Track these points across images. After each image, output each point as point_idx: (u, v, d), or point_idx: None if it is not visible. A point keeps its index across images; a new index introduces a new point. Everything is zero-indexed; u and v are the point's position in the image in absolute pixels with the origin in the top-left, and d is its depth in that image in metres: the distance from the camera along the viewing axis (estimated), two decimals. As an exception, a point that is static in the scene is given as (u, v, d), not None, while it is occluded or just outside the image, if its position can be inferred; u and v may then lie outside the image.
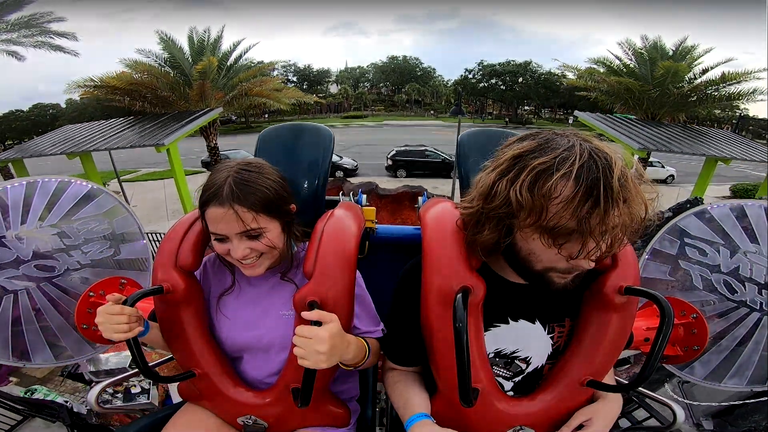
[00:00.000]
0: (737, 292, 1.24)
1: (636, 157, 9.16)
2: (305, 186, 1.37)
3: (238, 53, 12.63)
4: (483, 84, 55.99)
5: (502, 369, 0.96)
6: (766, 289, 1.22)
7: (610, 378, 1.01)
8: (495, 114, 60.16)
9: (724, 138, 10.46)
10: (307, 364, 0.80)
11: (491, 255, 0.91)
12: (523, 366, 0.95)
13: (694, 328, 1.06)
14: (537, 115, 59.00)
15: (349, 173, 17.82)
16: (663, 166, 18.14)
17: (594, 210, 0.66)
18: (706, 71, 11.20)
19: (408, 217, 7.01)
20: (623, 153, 0.73)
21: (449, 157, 17.88)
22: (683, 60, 11.22)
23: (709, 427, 1.72)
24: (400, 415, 0.96)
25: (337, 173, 17.12)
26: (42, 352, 1.29)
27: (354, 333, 1.03)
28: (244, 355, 1.09)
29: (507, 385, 0.97)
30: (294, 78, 59.35)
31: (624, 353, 1.10)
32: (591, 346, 0.89)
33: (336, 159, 17.70)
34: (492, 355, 0.94)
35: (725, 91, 11.01)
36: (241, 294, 1.10)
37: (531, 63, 53.06)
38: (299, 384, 0.84)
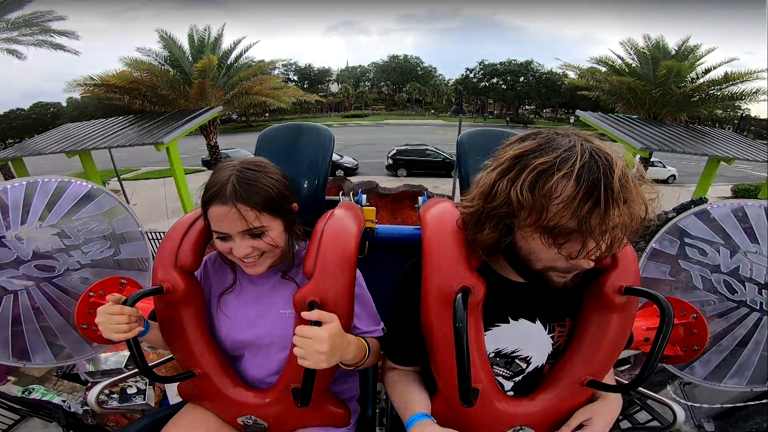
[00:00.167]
0: (737, 292, 1.23)
1: (638, 157, 9.12)
2: (305, 186, 1.37)
3: (238, 52, 12.61)
4: (484, 83, 55.89)
5: (502, 369, 0.96)
6: (766, 289, 1.22)
7: (610, 378, 1.01)
8: (496, 113, 60.05)
9: (726, 138, 10.38)
10: (307, 364, 0.80)
11: (491, 254, 0.91)
12: (524, 366, 0.95)
13: (694, 328, 1.06)
14: (538, 115, 58.90)
15: (350, 172, 17.80)
16: (664, 166, 18.10)
17: (594, 210, 0.66)
18: (708, 71, 11.15)
19: (408, 217, 6.99)
20: (624, 153, 0.73)
21: (450, 157, 17.82)
22: (686, 59, 11.16)
23: (711, 429, 1.71)
24: (400, 415, 0.96)
25: (338, 172, 17.10)
26: (42, 352, 1.30)
27: (354, 333, 1.03)
28: (244, 354, 1.09)
29: (507, 385, 0.97)
30: (295, 77, 59.25)
31: (624, 353, 1.10)
32: (591, 346, 0.89)
33: (336, 158, 17.69)
34: (492, 355, 0.94)
35: (728, 91, 10.96)
36: (242, 292, 1.10)
37: (532, 62, 52.95)
38: (299, 384, 0.84)
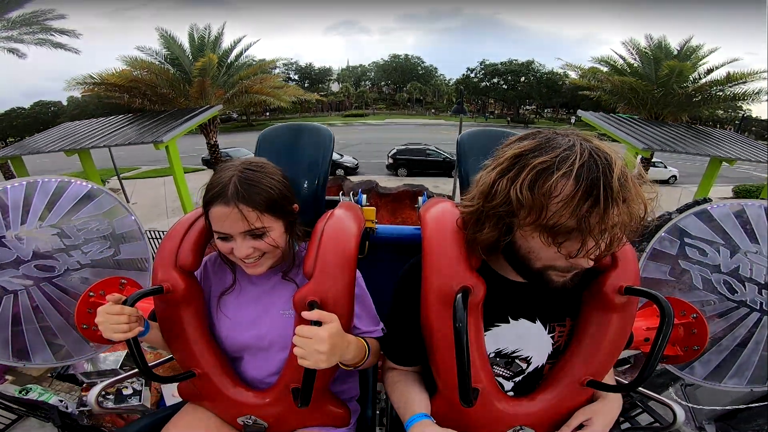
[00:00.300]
0: (737, 292, 1.23)
1: (639, 158, 9.09)
2: (305, 186, 1.37)
3: (238, 51, 12.60)
4: (485, 83, 55.86)
5: (502, 369, 0.96)
6: (766, 289, 1.22)
7: (610, 378, 1.01)
8: (497, 113, 60.06)
9: (728, 138, 10.32)
10: (307, 364, 0.80)
11: (491, 254, 0.91)
12: (524, 366, 0.95)
13: (694, 328, 1.06)
14: (539, 115, 58.85)
15: (350, 171, 17.80)
16: (665, 166, 18.09)
17: (594, 209, 0.67)
18: (710, 71, 11.11)
19: (408, 217, 6.98)
20: (626, 154, 0.73)
21: (450, 156, 17.79)
22: (688, 59, 11.12)
23: (712, 431, 1.71)
24: (400, 415, 0.96)
25: (338, 171, 17.10)
26: (42, 352, 1.30)
27: (354, 333, 1.03)
28: (244, 355, 1.08)
29: (507, 385, 0.97)
30: (295, 76, 59.25)
31: (624, 353, 1.10)
32: (591, 346, 0.89)
33: (337, 157, 17.67)
34: (492, 355, 0.94)
35: (730, 92, 10.93)
36: (242, 293, 1.10)
37: (533, 62, 52.93)
38: (299, 384, 0.84)
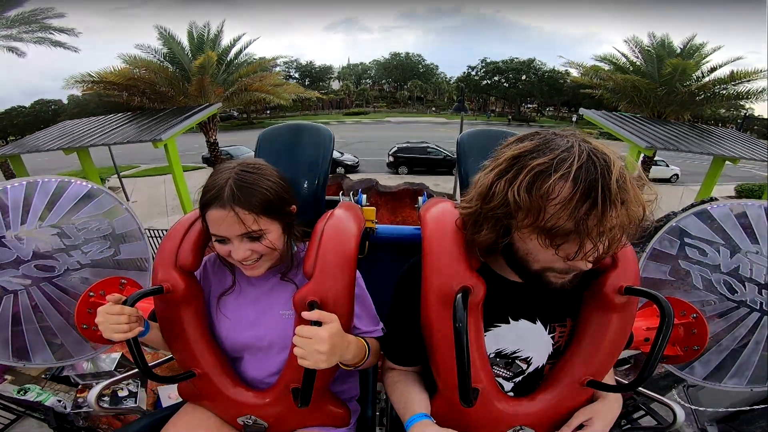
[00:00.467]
0: (737, 292, 1.23)
1: (642, 156, 9.04)
2: (305, 186, 1.37)
3: (238, 48, 12.58)
4: (486, 81, 55.73)
5: (502, 369, 0.96)
6: (766, 289, 1.22)
7: (610, 378, 1.01)
8: (498, 111, 59.93)
9: (731, 137, 10.25)
10: (307, 364, 0.80)
11: (489, 255, 0.91)
12: (524, 366, 0.95)
13: (694, 328, 1.06)
14: (540, 113, 58.73)
15: (350, 169, 17.78)
16: (668, 165, 18.06)
17: (592, 211, 0.66)
18: (714, 69, 11.04)
19: (409, 215, 6.96)
20: (627, 157, 0.73)
21: (451, 154, 17.75)
22: (691, 58, 11.06)
23: (713, 433, 1.70)
24: (400, 415, 0.96)
25: (338, 169, 17.09)
26: (42, 352, 1.30)
27: (354, 333, 1.03)
28: (244, 355, 1.09)
29: (507, 386, 0.97)
30: (296, 74, 59.19)
31: (624, 353, 1.10)
32: (591, 346, 0.89)
33: (337, 155, 17.66)
34: (493, 355, 0.94)
35: (733, 90, 10.86)
36: (242, 294, 1.10)
37: (534, 60, 52.81)
38: (299, 384, 0.84)
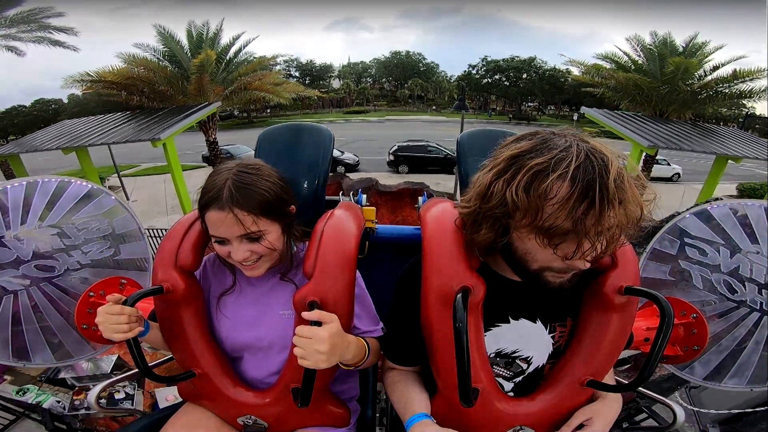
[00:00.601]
0: (737, 292, 1.23)
1: (643, 155, 9.00)
2: (305, 186, 1.37)
3: (237, 47, 12.51)
4: (487, 80, 55.59)
5: (503, 369, 0.96)
6: (766, 289, 1.21)
7: (610, 378, 1.01)
8: (498, 110, 59.82)
9: (734, 136, 10.19)
10: (307, 364, 0.81)
11: (488, 254, 0.91)
12: (524, 366, 0.95)
13: (694, 328, 1.06)
14: (541, 112, 58.60)
15: (351, 168, 17.76)
16: (669, 163, 18.03)
17: (589, 211, 0.66)
18: (716, 68, 10.97)
19: (409, 215, 6.94)
20: (628, 159, 0.73)
21: (452, 153, 17.74)
22: (693, 56, 10.99)
23: (715, 434, 1.70)
24: (400, 415, 0.96)
25: (339, 168, 17.06)
26: (42, 352, 1.30)
27: (354, 333, 1.03)
28: (244, 355, 1.09)
29: (507, 386, 0.97)
30: (296, 73, 59.13)
31: (624, 353, 1.10)
32: (591, 346, 0.89)
33: (337, 154, 17.63)
34: (493, 355, 0.94)
35: (736, 89, 10.80)
36: (242, 294, 1.10)
37: (535, 59, 52.65)
38: (299, 384, 0.84)
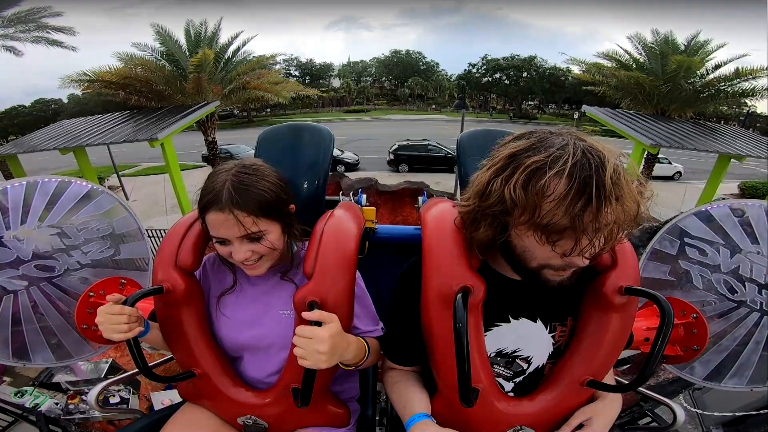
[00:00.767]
0: (737, 292, 1.23)
1: (645, 154, 8.97)
2: (305, 186, 1.37)
3: (236, 46, 12.45)
4: (487, 78, 55.46)
5: (503, 369, 0.96)
6: (766, 289, 1.21)
7: (610, 378, 1.01)
8: (498, 109, 59.71)
9: (736, 134, 10.20)
10: (307, 364, 0.81)
11: (488, 252, 0.91)
12: (525, 366, 0.95)
13: (694, 328, 1.06)
14: (541, 110, 58.50)
15: (351, 167, 17.75)
16: (670, 162, 18.02)
17: (587, 208, 0.67)
18: (718, 67, 10.97)
19: (409, 214, 6.95)
20: (629, 158, 0.73)
21: (452, 152, 17.73)
22: (695, 55, 10.98)
23: (718, 436, 1.70)
24: (400, 415, 0.96)
25: (339, 167, 17.05)
26: (42, 352, 1.29)
27: (354, 333, 1.03)
28: (244, 355, 1.09)
29: (507, 386, 0.97)
30: (296, 72, 59.01)
31: (624, 353, 1.10)
32: (591, 346, 0.89)
33: (337, 153, 17.63)
34: (493, 355, 0.94)
35: (738, 87, 10.80)
36: (241, 293, 1.10)
37: (536, 58, 52.49)
38: (299, 384, 0.84)
